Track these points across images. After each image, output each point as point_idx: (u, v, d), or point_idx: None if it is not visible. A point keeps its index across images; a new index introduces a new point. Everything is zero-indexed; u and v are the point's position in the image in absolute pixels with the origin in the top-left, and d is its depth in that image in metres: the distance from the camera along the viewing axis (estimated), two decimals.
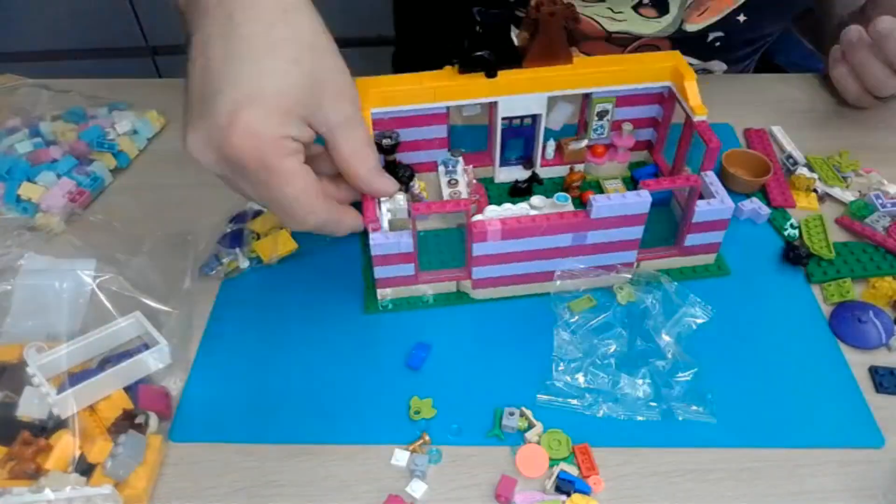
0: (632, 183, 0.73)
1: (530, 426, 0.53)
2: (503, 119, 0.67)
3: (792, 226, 0.68)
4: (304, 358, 0.59)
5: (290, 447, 0.53)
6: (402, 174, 0.66)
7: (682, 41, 0.85)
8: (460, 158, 0.70)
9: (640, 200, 0.57)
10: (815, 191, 0.72)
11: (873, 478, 0.51)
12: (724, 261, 0.65)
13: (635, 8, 0.82)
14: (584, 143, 0.71)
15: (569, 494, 0.49)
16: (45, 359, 0.52)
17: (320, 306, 0.62)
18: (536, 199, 0.67)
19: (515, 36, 0.62)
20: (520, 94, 0.64)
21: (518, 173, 0.73)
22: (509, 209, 0.62)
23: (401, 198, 0.65)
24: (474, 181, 0.70)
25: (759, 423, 0.54)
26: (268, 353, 0.59)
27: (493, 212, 0.59)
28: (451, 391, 0.56)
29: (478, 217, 0.58)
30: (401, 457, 0.52)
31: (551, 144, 0.72)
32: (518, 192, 0.71)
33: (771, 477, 0.51)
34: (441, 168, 0.70)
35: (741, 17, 0.85)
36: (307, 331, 0.61)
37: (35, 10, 1.77)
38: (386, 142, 0.66)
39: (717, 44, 0.88)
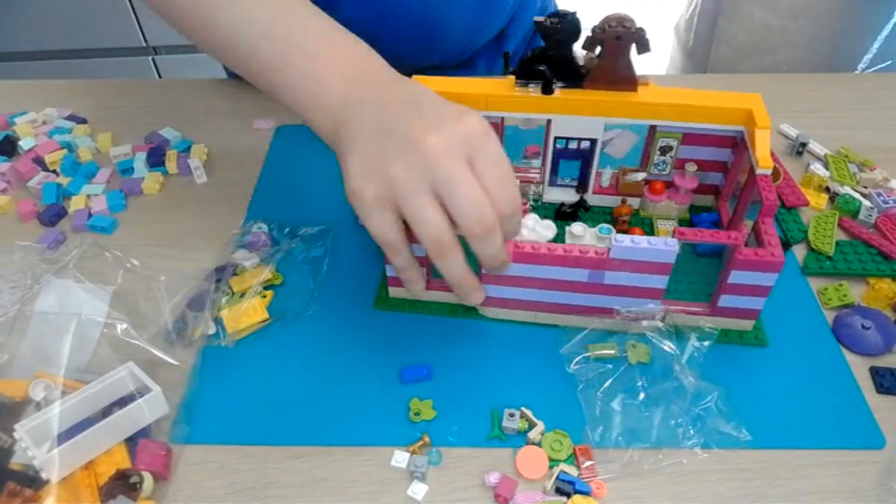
0: (689, 227, 0.67)
1: (531, 426, 0.53)
2: (557, 138, 0.64)
3: (800, 229, 0.68)
4: (304, 359, 0.59)
5: (289, 448, 0.53)
6: None
7: None
8: None
9: (666, 249, 0.52)
10: (826, 189, 0.72)
11: (873, 478, 0.51)
12: (764, 330, 0.59)
13: None
14: (642, 176, 0.67)
15: (569, 496, 0.49)
16: (35, 421, 0.50)
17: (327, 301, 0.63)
18: (577, 227, 0.64)
19: (581, 55, 0.59)
20: (576, 115, 0.61)
21: (568, 195, 0.69)
22: (542, 223, 0.56)
23: None
24: (523, 197, 0.66)
25: (759, 424, 0.53)
26: (268, 355, 0.59)
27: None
28: (452, 393, 0.56)
29: None
30: (401, 458, 0.52)
31: (608, 172, 0.68)
32: (562, 215, 0.68)
33: (771, 477, 0.51)
34: None
35: None
36: (309, 332, 0.61)
37: (35, 10, 1.77)
38: None
39: None
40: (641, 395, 0.54)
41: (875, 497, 0.50)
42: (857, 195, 0.71)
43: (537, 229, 0.64)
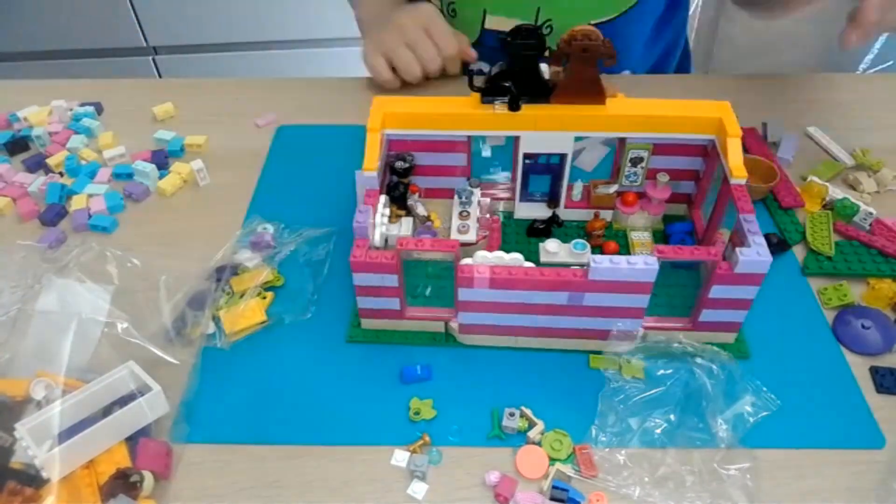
0: (663, 238, 0.67)
1: (531, 425, 0.53)
2: (526, 154, 0.63)
3: (797, 230, 0.68)
4: (304, 358, 0.59)
5: (291, 448, 0.53)
6: (395, 192, 0.63)
7: None
8: (476, 189, 0.67)
9: (646, 268, 0.51)
10: (822, 200, 0.72)
11: (873, 478, 0.51)
12: (747, 343, 0.59)
13: None
14: (614, 188, 0.66)
15: (563, 502, 0.49)
16: (36, 420, 0.50)
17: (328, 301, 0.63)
18: (552, 244, 0.63)
19: (546, 69, 0.59)
20: (544, 130, 0.60)
21: (540, 211, 0.68)
22: (507, 258, 0.54)
23: (404, 221, 0.63)
24: (494, 215, 0.66)
25: (759, 424, 0.53)
26: (269, 354, 0.59)
27: (484, 258, 0.54)
28: (452, 392, 0.56)
29: (467, 261, 0.53)
30: (401, 458, 0.52)
31: (579, 185, 0.67)
32: (535, 232, 0.67)
33: (771, 477, 0.51)
34: (455, 198, 0.66)
35: None
36: (309, 331, 0.61)
37: (35, 10, 1.77)
38: (399, 164, 0.63)
39: None
40: (659, 430, 0.53)
41: (875, 497, 0.50)
42: (856, 201, 0.70)
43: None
